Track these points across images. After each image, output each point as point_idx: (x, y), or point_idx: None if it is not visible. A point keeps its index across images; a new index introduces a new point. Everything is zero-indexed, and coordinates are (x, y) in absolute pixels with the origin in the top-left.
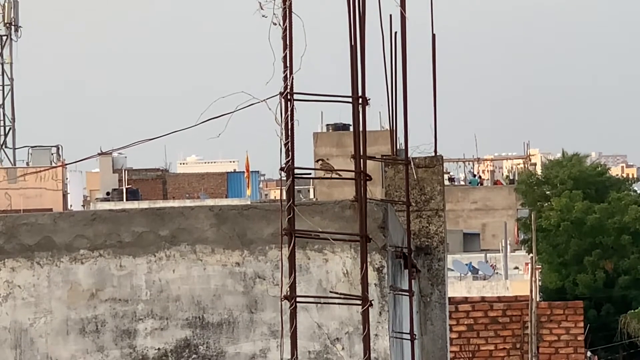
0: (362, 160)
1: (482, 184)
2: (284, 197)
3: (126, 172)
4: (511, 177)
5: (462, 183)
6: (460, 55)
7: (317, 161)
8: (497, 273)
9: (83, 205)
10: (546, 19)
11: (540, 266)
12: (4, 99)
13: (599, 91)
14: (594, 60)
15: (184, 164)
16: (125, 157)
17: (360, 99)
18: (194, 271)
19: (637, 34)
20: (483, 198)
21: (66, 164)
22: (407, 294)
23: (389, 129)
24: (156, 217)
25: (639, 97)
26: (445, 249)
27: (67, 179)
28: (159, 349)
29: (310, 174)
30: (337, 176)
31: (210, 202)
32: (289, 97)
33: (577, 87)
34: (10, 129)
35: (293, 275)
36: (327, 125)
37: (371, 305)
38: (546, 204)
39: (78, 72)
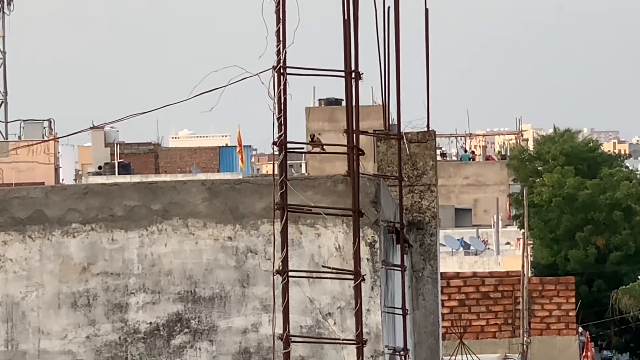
0: (354, 135)
1: (474, 160)
2: (277, 171)
3: (118, 146)
4: (503, 153)
5: (454, 158)
6: (453, 29)
7: (311, 136)
8: (488, 248)
9: (75, 179)
10: None
11: (531, 242)
12: None
13: (591, 67)
14: (587, 37)
15: (176, 138)
16: (117, 131)
17: (353, 74)
18: (186, 245)
19: (631, 17)
20: (475, 173)
21: (58, 138)
22: (399, 269)
23: (381, 103)
24: (148, 191)
25: (631, 73)
26: (438, 224)
27: (59, 152)
28: (150, 323)
29: (303, 148)
30: (330, 150)
31: (202, 176)
32: (281, 71)
33: (569, 63)
34: (2, 102)
35: (285, 249)
36: (319, 99)
37: (363, 280)
38: (538, 180)
39: (71, 45)
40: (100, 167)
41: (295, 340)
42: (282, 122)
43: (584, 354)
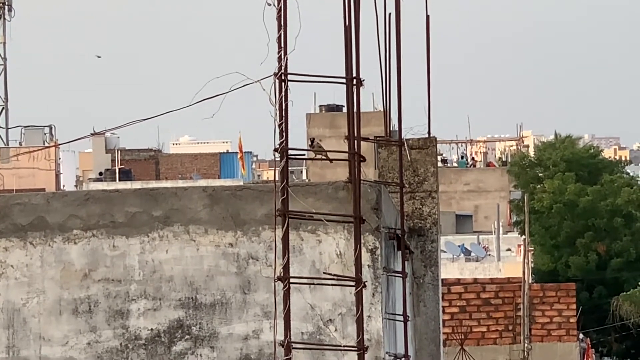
0: (355, 141)
1: (475, 166)
2: (278, 178)
3: (119, 152)
4: (504, 159)
5: (455, 165)
6: (454, 36)
7: (312, 141)
8: (489, 255)
9: (76, 186)
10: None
11: (532, 248)
12: None
13: (592, 73)
14: (588, 43)
15: (176, 144)
16: (118, 137)
17: (355, 80)
18: (187, 252)
19: (630, 20)
20: (476, 180)
21: (59, 144)
22: (400, 275)
23: (382, 110)
24: (149, 197)
25: (632, 80)
26: (439, 231)
27: (59, 158)
28: (151, 329)
29: (304, 154)
30: (331, 157)
31: (203, 182)
32: (283, 78)
33: (570, 69)
34: (3, 108)
35: (286, 256)
36: (320, 106)
37: (364, 286)
38: (539, 186)
39: (72, 48)
40: (101, 174)
41: (297, 346)
42: (283, 128)
43: None
